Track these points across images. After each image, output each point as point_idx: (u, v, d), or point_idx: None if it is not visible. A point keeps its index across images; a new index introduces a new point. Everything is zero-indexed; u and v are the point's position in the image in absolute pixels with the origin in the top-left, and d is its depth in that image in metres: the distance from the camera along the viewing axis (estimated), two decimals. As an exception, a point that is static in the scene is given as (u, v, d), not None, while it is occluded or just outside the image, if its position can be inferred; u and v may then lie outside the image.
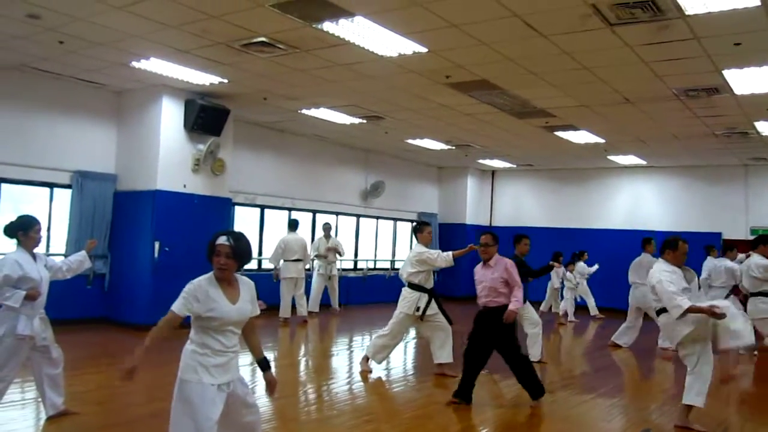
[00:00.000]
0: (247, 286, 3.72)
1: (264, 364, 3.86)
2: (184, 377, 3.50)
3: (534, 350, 8.79)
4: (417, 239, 7.96)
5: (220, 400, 3.52)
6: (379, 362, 7.99)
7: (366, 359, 7.99)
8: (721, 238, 14.44)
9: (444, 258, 7.53)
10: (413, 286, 7.70)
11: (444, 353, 7.73)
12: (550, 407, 6.71)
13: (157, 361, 7.98)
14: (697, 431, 5.64)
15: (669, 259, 5.80)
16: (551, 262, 9.46)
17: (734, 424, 6.35)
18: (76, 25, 7.51)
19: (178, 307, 3.53)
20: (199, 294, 3.51)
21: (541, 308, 14.76)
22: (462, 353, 6.59)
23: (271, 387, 3.88)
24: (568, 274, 14.51)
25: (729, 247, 11.58)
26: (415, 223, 8.53)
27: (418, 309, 7.65)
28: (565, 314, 14.44)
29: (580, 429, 5.94)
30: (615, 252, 14.81)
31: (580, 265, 14.68)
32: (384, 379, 7.96)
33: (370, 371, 7.88)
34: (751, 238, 14.70)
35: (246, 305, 3.67)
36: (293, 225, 12.43)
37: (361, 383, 7.63)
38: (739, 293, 10.51)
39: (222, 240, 3.59)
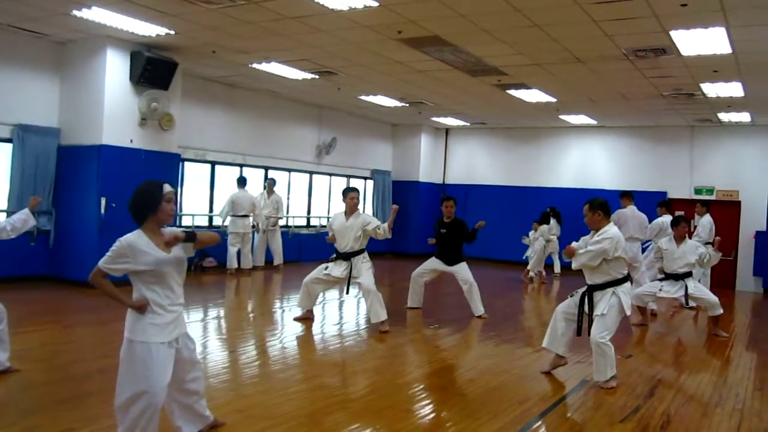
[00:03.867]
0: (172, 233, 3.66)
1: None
2: (133, 338, 3.45)
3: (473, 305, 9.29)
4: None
5: (170, 359, 3.50)
6: None
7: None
8: (666, 196, 14.79)
9: None
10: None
11: (372, 313, 7.93)
12: (493, 360, 6.89)
13: (100, 318, 7.98)
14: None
15: None
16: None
17: (668, 375, 6.61)
18: (12, -29, 7.18)
19: (104, 262, 3.46)
20: (127, 251, 3.45)
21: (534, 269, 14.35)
22: None
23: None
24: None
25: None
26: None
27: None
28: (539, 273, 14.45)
29: (522, 381, 6.10)
30: (565, 210, 15.05)
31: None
32: (336, 334, 8.03)
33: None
34: (695, 197, 15.20)
35: (179, 251, 3.63)
36: (241, 182, 12.88)
37: (312, 337, 7.70)
38: None
39: (169, 188, 3.60)
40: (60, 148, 10.42)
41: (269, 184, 13.73)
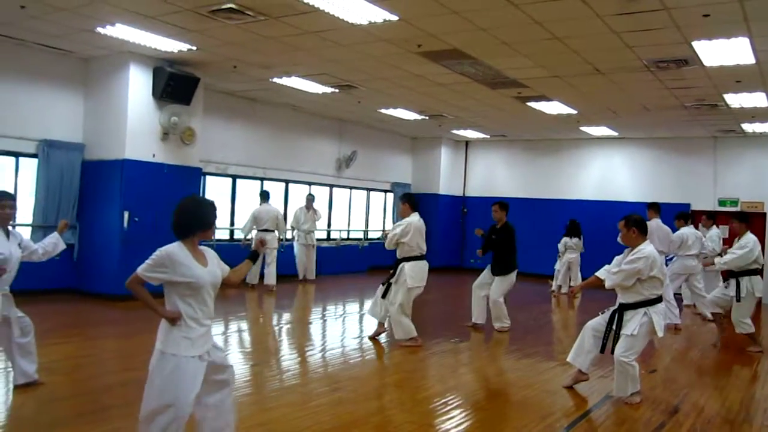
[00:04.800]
0: (210, 253, 3.73)
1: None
2: (165, 350, 3.44)
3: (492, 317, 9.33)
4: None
5: (200, 372, 3.50)
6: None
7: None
8: (690, 208, 14.63)
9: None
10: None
11: (395, 332, 7.89)
12: (515, 374, 6.83)
13: (123, 331, 8.05)
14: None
15: None
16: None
17: (693, 391, 6.51)
18: (38, -11, 7.31)
19: (143, 269, 3.49)
20: (166, 262, 3.47)
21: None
22: None
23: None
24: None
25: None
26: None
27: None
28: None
29: (544, 395, 6.04)
30: (587, 223, 14.95)
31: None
32: (356, 347, 8.02)
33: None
34: (719, 209, 15.01)
35: (216, 269, 3.68)
36: (264, 196, 12.72)
37: (333, 351, 7.70)
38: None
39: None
40: (84, 163, 10.56)
41: (308, 200, 13.82)
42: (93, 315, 9.28)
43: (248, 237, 12.44)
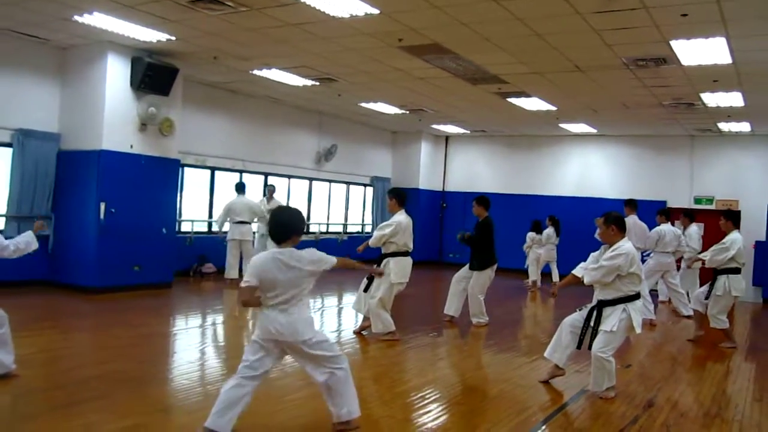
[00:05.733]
0: None
1: None
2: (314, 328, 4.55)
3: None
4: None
5: None
6: None
7: None
8: (666, 205, 14.79)
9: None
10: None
11: (373, 326, 7.89)
12: (492, 369, 6.87)
13: (99, 324, 7.97)
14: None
15: None
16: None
17: (667, 385, 6.60)
18: (14, -24, 7.19)
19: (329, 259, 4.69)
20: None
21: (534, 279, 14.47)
22: None
23: None
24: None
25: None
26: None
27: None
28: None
29: (521, 390, 6.08)
30: (565, 219, 15.08)
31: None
32: (333, 341, 7.99)
33: None
34: (695, 206, 15.20)
35: None
36: (239, 188, 12.57)
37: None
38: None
39: None
40: (60, 153, 10.41)
41: (269, 191, 13.67)
42: (68, 307, 9.17)
43: (224, 229, 12.31)
